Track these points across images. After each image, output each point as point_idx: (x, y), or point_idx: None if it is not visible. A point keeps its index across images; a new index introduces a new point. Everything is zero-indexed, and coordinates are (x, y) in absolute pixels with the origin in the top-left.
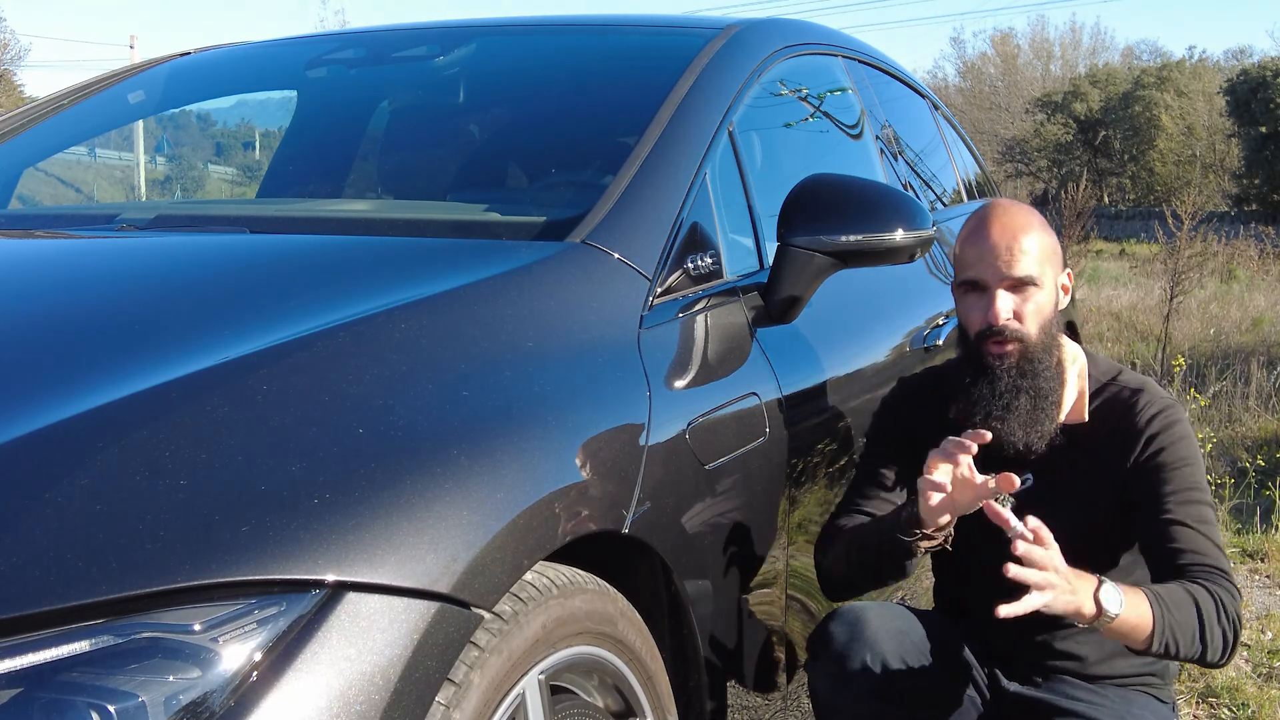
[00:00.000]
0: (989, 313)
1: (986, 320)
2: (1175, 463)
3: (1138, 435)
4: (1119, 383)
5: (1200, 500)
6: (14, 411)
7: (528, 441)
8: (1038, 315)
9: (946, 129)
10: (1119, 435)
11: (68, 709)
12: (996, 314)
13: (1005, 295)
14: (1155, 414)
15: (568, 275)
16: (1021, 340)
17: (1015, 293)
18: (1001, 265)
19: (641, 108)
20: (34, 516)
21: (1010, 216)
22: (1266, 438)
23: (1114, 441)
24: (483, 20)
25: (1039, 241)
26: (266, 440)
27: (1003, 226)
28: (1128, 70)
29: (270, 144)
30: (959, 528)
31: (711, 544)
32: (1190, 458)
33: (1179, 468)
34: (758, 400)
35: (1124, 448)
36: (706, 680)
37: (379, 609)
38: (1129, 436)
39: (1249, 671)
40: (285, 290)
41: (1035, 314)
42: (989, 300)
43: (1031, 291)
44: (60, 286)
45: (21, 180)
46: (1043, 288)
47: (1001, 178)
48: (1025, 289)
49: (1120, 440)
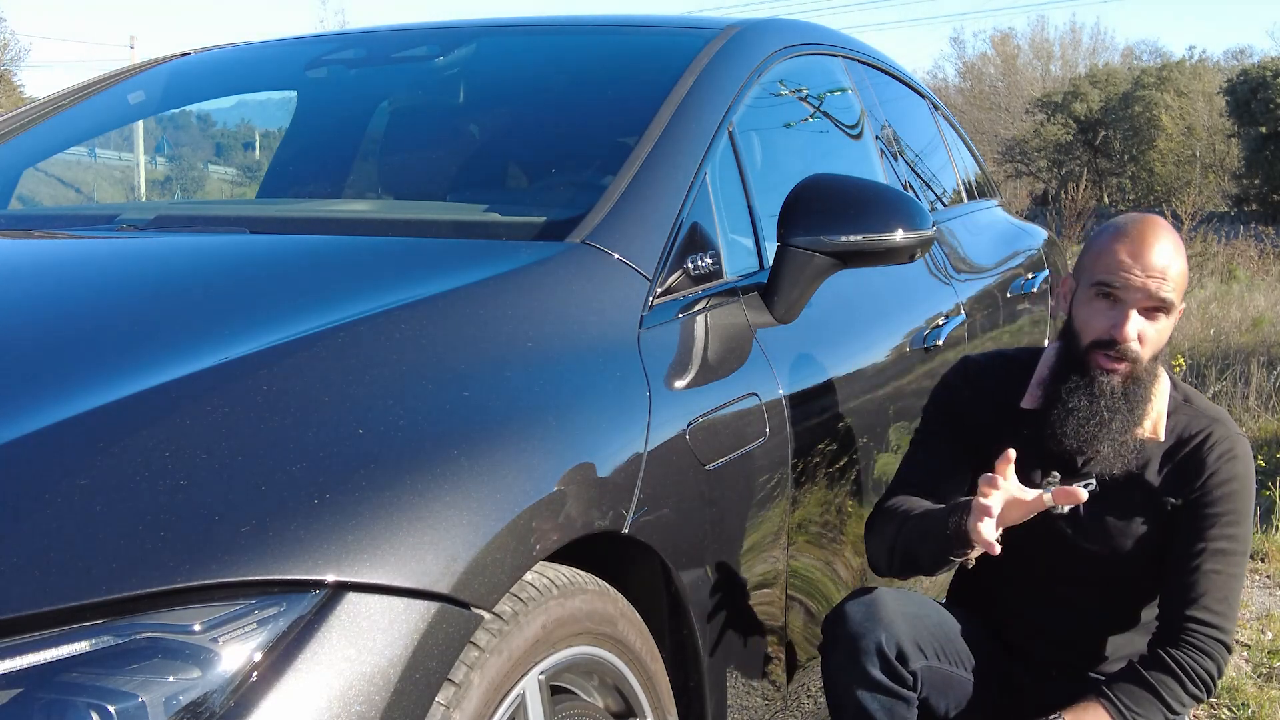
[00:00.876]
0: (1117, 328)
1: (1111, 333)
2: (1227, 508)
3: (1201, 471)
4: (1195, 408)
5: (1235, 551)
6: (14, 411)
7: (528, 442)
8: (1156, 343)
9: (946, 129)
10: (1184, 464)
11: (68, 709)
12: (1126, 333)
13: (1138, 316)
14: (1224, 452)
15: (568, 275)
16: (1134, 363)
17: (1147, 316)
18: (1152, 286)
19: (641, 108)
20: (34, 516)
21: (1170, 240)
22: (1267, 438)
23: (1179, 467)
24: (483, 20)
25: (1183, 272)
26: (267, 440)
27: (1163, 248)
28: (1128, 70)
29: (270, 144)
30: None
31: (711, 544)
32: (1240, 508)
33: (1228, 513)
34: (758, 400)
35: (1186, 479)
36: (707, 680)
37: (379, 609)
38: (1194, 470)
39: (1249, 672)
40: (285, 290)
41: (1155, 341)
42: (1121, 314)
43: (1160, 319)
44: (60, 287)
45: (21, 180)
46: (1170, 318)
47: (1002, 178)
48: (1156, 315)
49: (1184, 470)
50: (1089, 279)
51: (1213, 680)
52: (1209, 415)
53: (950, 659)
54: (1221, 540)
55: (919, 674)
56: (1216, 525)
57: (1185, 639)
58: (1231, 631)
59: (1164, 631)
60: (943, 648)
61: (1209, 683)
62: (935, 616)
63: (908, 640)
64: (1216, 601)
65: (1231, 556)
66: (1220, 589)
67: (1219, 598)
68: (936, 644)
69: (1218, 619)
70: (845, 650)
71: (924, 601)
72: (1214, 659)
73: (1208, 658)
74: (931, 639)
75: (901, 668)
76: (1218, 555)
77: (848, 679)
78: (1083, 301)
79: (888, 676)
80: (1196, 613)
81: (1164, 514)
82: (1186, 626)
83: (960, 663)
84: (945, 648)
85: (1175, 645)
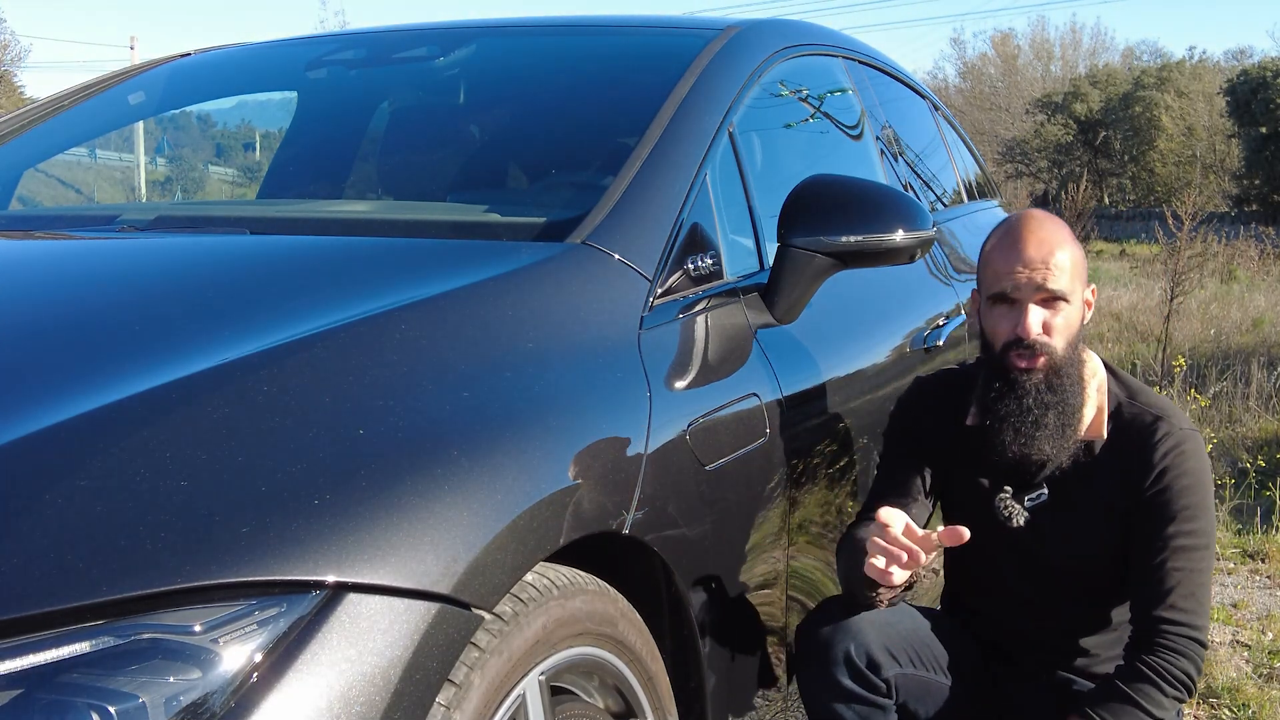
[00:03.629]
0: (1019, 326)
1: (1016, 333)
2: (1182, 504)
3: (1151, 467)
4: (1140, 403)
5: (1196, 546)
6: (14, 411)
7: (528, 442)
8: (1066, 330)
9: (947, 129)
10: (1133, 461)
11: (68, 710)
12: (1028, 328)
13: (1036, 309)
14: (1171, 448)
15: (568, 276)
16: (1049, 355)
17: (1046, 307)
18: (1037, 278)
19: (642, 108)
20: (34, 516)
21: (1045, 230)
22: (1267, 438)
23: (1128, 466)
24: (483, 21)
25: (1071, 256)
26: (267, 441)
27: (1039, 240)
28: (1128, 71)
29: (270, 145)
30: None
31: (712, 545)
32: (1196, 502)
33: (1184, 509)
34: (758, 401)
35: (1136, 476)
36: (707, 681)
37: (379, 610)
38: (1142, 466)
39: (1249, 672)
40: (285, 291)
41: (1064, 329)
42: (1020, 313)
43: (1062, 306)
44: (61, 287)
45: (22, 181)
46: (1072, 303)
47: (1002, 178)
48: (1056, 304)
49: (1134, 467)
50: (985, 291)
51: (1190, 679)
52: (1154, 410)
53: (927, 664)
54: (1181, 537)
55: (893, 681)
56: (1174, 522)
57: (1158, 641)
58: (1203, 627)
59: (1136, 635)
60: (918, 653)
61: (1187, 683)
62: (909, 623)
63: (878, 648)
64: (1183, 599)
65: (1194, 552)
66: (1186, 586)
67: (1185, 594)
68: (911, 650)
69: (1187, 616)
70: (816, 662)
71: (899, 608)
72: (1188, 657)
73: (1182, 657)
74: (904, 645)
75: (873, 675)
76: (1179, 552)
77: (821, 691)
78: (987, 313)
79: (860, 685)
80: (1165, 613)
81: (1119, 515)
82: (1157, 628)
83: (937, 667)
84: (920, 653)
85: (1148, 650)
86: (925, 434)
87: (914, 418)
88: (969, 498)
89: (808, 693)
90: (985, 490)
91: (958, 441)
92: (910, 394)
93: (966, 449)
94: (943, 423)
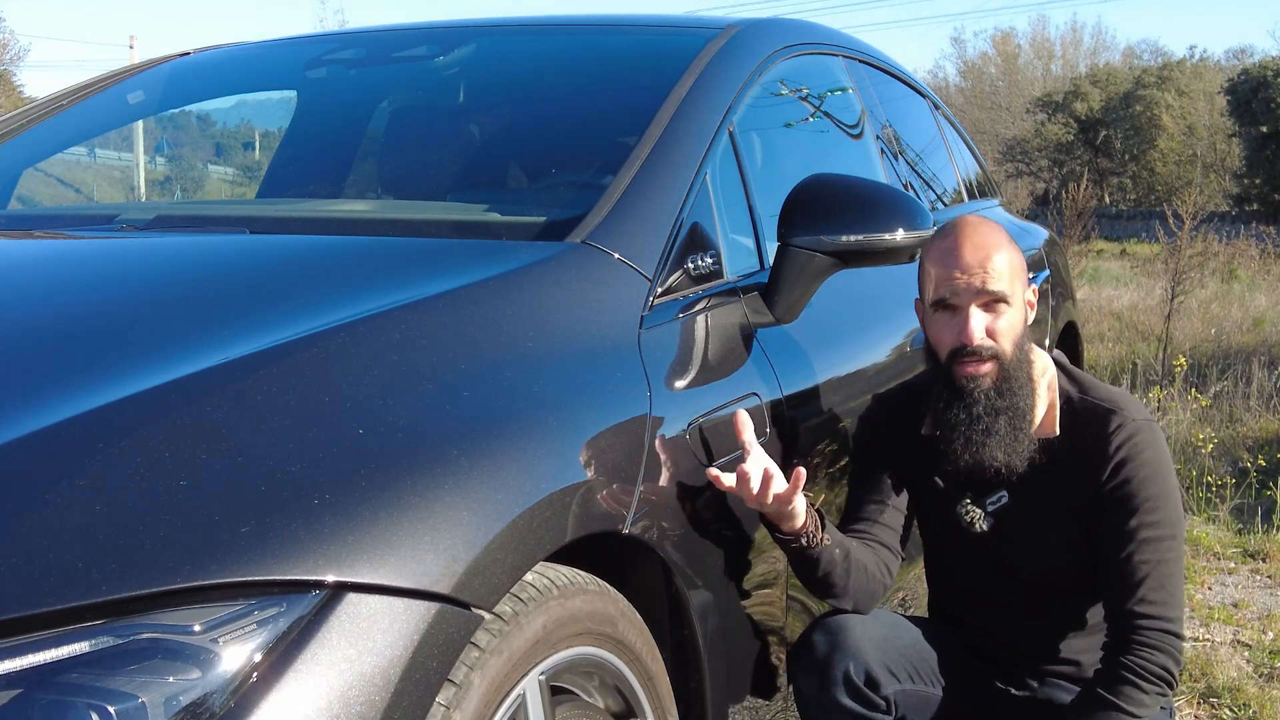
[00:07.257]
0: (963, 332)
1: (960, 340)
2: (1143, 495)
3: (1107, 460)
4: (1092, 398)
5: (1161, 536)
6: (14, 411)
7: (528, 442)
8: (1010, 332)
9: (947, 129)
10: (1089, 456)
11: (68, 710)
12: (971, 333)
13: (979, 313)
14: (1125, 439)
15: (568, 276)
16: (997, 358)
17: (987, 311)
18: (976, 282)
19: (642, 108)
20: (34, 516)
21: (980, 234)
22: (1267, 438)
23: (1084, 461)
24: (483, 20)
25: (1009, 258)
26: (266, 440)
27: (974, 245)
28: (1128, 70)
29: (270, 144)
30: (946, 546)
31: (712, 545)
32: (1157, 492)
33: (1145, 500)
34: (758, 400)
35: (1093, 470)
36: (707, 681)
37: (379, 609)
38: (1098, 460)
39: (1250, 672)
40: (285, 290)
41: (1008, 331)
42: (962, 319)
43: (1003, 309)
44: (60, 287)
45: (21, 180)
46: (1014, 305)
47: (1002, 178)
48: (997, 306)
49: (1089, 462)
50: (926, 299)
51: (1168, 673)
52: (1107, 403)
53: (925, 678)
54: (1145, 529)
55: (892, 698)
56: (1137, 514)
57: (1133, 639)
58: (1177, 619)
59: (1111, 633)
60: (916, 668)
61: (1166, 677)
62: (907, 636)
63: (877, 665)
64: (1153, 591)
65: (1160, 543)
66: (1155, 578)
67: (1155, 586)
68: (909, 665)
69: (1159, 609)
70: (814, 681)
71: (895, 621)
72: (1164, 651)
73: (1158, 652)
74: (903, 660)
75: (873, 694)
76: (1145, 544)
77: (820, 712)
78: (930, 322)
79: (860, 704)
80: (1137, 607)
81: (1082, 512)
82: (1130, 624)
83: (934, 681)
84: (919, 668)
85: (1124, 649)
86: (888, 446)
87: (877, 432)
88: (934, 506)
89: (806, 710)
90: (948, 497)
91: (918, 451)
92: (870, 409)
93: (927, 458)
94: (902, 434)
